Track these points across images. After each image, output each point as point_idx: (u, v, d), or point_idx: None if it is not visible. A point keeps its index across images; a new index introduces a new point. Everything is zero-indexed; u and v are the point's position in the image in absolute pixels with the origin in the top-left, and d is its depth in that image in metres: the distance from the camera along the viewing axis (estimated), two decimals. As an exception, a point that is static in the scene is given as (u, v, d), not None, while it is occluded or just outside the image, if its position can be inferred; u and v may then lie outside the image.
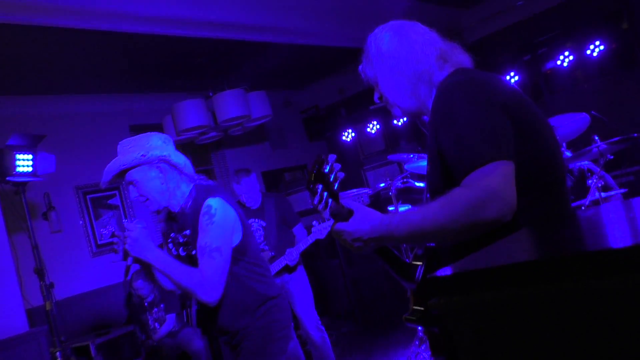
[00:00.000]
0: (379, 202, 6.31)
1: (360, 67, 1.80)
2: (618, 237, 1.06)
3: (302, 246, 4.27)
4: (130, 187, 2.31)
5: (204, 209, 2.23)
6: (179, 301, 5.33)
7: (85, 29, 4.04)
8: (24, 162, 4.24)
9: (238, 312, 2.34)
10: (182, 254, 2.42)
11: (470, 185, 1.33)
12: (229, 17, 4.62)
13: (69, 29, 4.01)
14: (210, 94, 6.00)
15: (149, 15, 4.11)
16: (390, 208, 4.66)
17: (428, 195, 1.63)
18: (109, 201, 6.07)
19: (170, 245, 2.49)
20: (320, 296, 7.04)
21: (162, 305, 5.13)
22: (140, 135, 2.36)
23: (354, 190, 6.40)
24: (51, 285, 4.01)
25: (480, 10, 6.92)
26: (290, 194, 8.05)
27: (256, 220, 4.44)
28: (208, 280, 2.16)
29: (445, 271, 1.01)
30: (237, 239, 2.31)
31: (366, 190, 6.23)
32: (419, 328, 1.63)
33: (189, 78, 6.49)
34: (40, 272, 3.96)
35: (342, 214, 1.49)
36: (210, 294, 2.18)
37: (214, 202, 2.24)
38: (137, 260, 2.25)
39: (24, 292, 4.00)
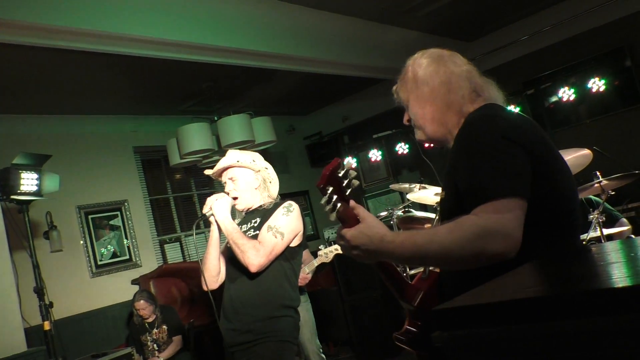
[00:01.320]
0: (380, 230, 6.29)
1: (394, 87, 1.85)
2: (619, 276, 1.07)
3: (307, 269, 4.33)
4: (229, 181, 2.73)
5: (285, 204, 2.65)
6: (182, 323, 5.29)
7: (93, 50, 4.10)
8: (29, 182, 4.26)
9: (267, 302, 2.53)
10: None
11: (481, 216, 1.34)
12: (236, 43, 4.68)
13: (77, 50, 4.06)
14: (215, 119, 6.05)
15: (156, 38, 4.17)
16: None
17: (441, 221, 1.64)
18: (110, 221, 6.07)
19: None
20: (319, 323, 6.99)
21: (164, 327, 5.10)
22: (246, 150, 2.89)
23: (356, 217, 6.40)
24: (50, 305, 4.00)
25: (484, 44, 7.01)
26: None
27: None
28: (262, 249, 2.49)
29: (451, 304, 1.02)
30: (296, 242, 2.65)
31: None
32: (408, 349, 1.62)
33: (195, 102, 6.55)
34: (40, 292, 3.95)
35: (349, 220, 1.48)
36: (258, 260, 2.49)
37: (294, 203, 2.67)
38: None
39: (23, 311, 3.98)
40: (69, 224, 5.71)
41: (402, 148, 7.42)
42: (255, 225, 2.66)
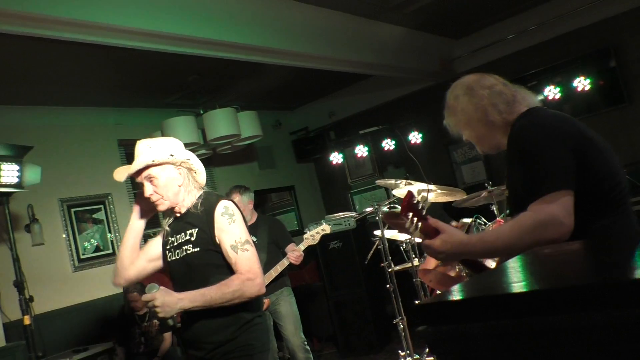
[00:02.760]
0: (364, 226, 6.31)
1: (444, 121, 2.16)
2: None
3: (301, 247, 4.39)
4: (147, 183, 2.37)
5: (220, 209, 2.34)
6: (176, 319, 5.25)
7: (77, 40, 4.03)
8: (9, 173, 4.19)
9: (226, 324, 2.32)
10: (177, 257, 2.43)
11: (535, 211, 1.67)
12: (223, 36, 4.64)
13: (59, 40, 4.00)
14: (201, 112, 6.01)
15: (142, 30, 4.11)
16: (376, 232, 4.66)
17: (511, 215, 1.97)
18: (94, 215, 6.01)
19: (167, 251, 2.50)
20: (303, 318, 6.99)
21: (155, 321, 5.07)
22: (162, 138, 2.48)
23: (340, 213, 6.42)
24: (30, 299, 3.94)
25: (471, 42, 7.03)
26: (277, 214, 8.03)
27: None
28: (250, 274, 2.27)
29: (435, 299, 1.02)
30: None
31: (352, 214, 6.24)
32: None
33: (180, 95, 6.50)
34: (20, 286, 3.89)
35: (429, 233, 1.81)
36: (257, 283, 2.28)
37: (229, 204, 2.38)
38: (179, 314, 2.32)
39: (3, 305, 3.92)
40: (51, 217, 5.63)
41: (388, 144, 7.43)
42: (193, 239, 2.36)
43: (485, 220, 4.55)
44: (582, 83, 5.98)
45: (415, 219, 1.83)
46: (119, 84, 5.83)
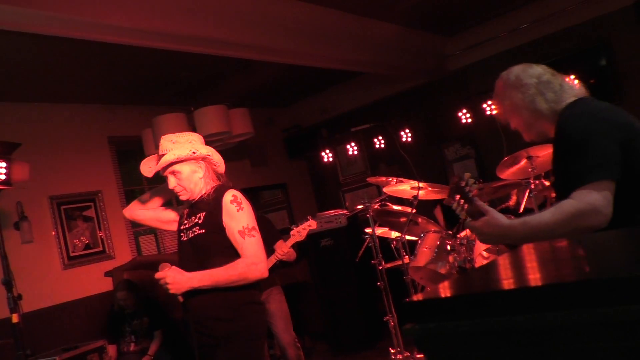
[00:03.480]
0: (356, 223, 6.31)
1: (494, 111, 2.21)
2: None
3: (288, 243, 4.27)
4: (171, 176, 2.60)
5: (229, 197, 2.54)
6: (167, 317, 5.24)
7: (66, 37, 4.00)
8: (-3, 170, 4.15)
9: (227, 305, 2.48)
10: (185, 238, 2.63)
11: (576, 198, 1.75)
12: (214, 33, 4.62)
13: (49, 36, 3.96)
14: (192, 109, 5.98)
15: (132, 27, 4.08)
16: (367, 230, 4.66)
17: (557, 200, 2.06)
18: (83, 212, 5.97)
19: (181, 233, 2.70)
20: (294, 316, 6.98)
21: (145, 319, 5.04)
22: (184, 133, 2.71)
23: (331, 211, 6.41)
24: (19, 297, 3.91)
25: (464, 39, 7.03)
26: (268, 212, 8.01)
27: None
28: (255, 258, 2.45)
29: (422, 296, 1.01)
30: None
31: (343, 212, 6.23)
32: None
33: (171, 92, 6.47)
34: (8, 284, 3.86)
35: (475, 215, 1.91)
36: (260, 268, 2.46)
37: (237, 193, 2.59)
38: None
39: (-10, 303, 3.89)
40: (41, 214, 5.59)
41: (379, 142, 7.43)
42: (200, 222, 2.58)
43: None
44: (574, 80, 5.99)
45: (462, 201, 1.94)
46: (109, 80, 5.79)
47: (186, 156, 2.57)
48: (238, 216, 2.51)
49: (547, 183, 4.42)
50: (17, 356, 3.78)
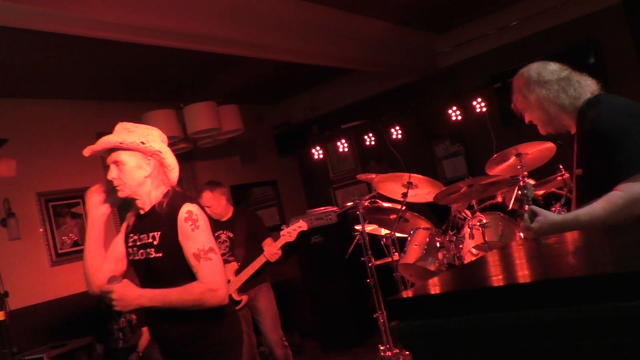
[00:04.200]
0: (346, 220, 6.31)
1: (512, 105, 2.38)
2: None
3: (278, 244, 4.30)
4: (113, 166, 2.29)
5: (184, 214, 2.22)
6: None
7: (55, 32, 3.96)
8: (-16, 166, 4.11)
9: (191, 324, 2.28)
10: (141, 257, 2.34)
11: (624, 190, 1.90)
12: (204, 29, 4.59)
13: (37, 31, 3.92)
14: (182, 105, 5.95)
15: (121, 22, 4.05)
16: (357, 227, 4.66)
17: (574, 189, 2.27)
18: (72, 209, 5.93)
19: (130, 248, 2.42)
20: (284, 313, 6.98)
21: (132, 316, 5.01)
22: (146, 126, 2.39)
23: (321, 208, 6.40)
24: (5, 294, 3.88)
25: (454, 36, 7.05)
26: (258, 209, 8.00)
27: (224, 231, 4.55)
28: (213, 283, 2.19)
29: (407, 294, 1.01)
30: None
31: (333, 209, 6.23)
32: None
33: (161, 88, 6.43)
34: (-6, 280, 3.83)
35: (531, 217, 2.04)
36: (219, 295, 2.20)
37: (193, 208, 2.25)
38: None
39: (-24, 300, 3.85)
40: (29, 211, 5.54)
41: (370, 139, 7.43)
42: (155, 243, 2.27)
43: (466, 215, 4.58)
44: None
45: (526, 206, 2.10)
46: (99, 76, 5.75)
47: (131, 144, 2.24)
48: (193, 236, 2.20)
49: (533, 182, 4.44)
50: (4, 354, 3.75)
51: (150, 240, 2.30)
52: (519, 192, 2.14)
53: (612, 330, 0.81)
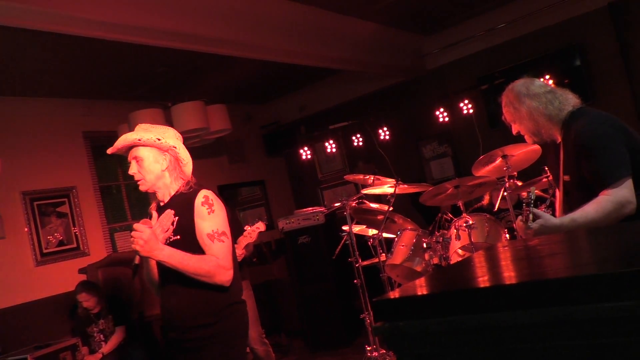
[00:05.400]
0: (333, 221, 6.32)
1: (502, 117, 2.57)
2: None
3: (240, 245, 4.33)
4: (133, 162, 2.49)
5: (201, 199, 2.42)
6: (128, 313, 5.19)
7: (41, 30, 3.93)
8: (-32, 164, 4.07)
9: (206, 308, 2.39)
10: (163, 241, 2.46)
11: (610, 195, 2.14)
12: (192, 28, 4.58)
13: (23, 29, 3.89)
14: (169, 105, 5.92)
15: (109, 21, 4.03)
16: (345, 227, 4.67)
17: (561, 193, 2.50)
18: (57, 208, 5.88)
19: None
20: (272, 313, 6.98)
21: (110, 317, 4.99)
22: (163, 126, 2.63)
23: (309, 208, 6.42)
24: (-11, 294, 3.84)
25: (442, 38, 7.08)
26: (246, 209, 7.99)
27: None
28: (226, 262, 2.35)
29: (391, 295, 1.01)
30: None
31: (321, 209, 6.24)
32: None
33: (148, 87, 6.40)
34: (-22, 280, 3.79)
35: (533, 219, 2.22)
36: (226, 274, 2.36)
37: (209, 193, 2.46)
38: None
39: (-41, 300, 3.81)
40: (13, 210, 5.49)
41: (358, 140, 7.45)
42: (174, 228, 2.44)
43: (452, 216, 4.60)
44: (548, 80, 6.08)
45: (528, 209, 2.26)
46: (85, 75, 5.71)
47: (148, 140, 2.45)
48: (209, 218, 2.39)
49: (519, 183, 4.47)
50: (-13, 354, 3.71)
51: (170, 225, 2.46)
52: (523, 195, 2.32)
53: (594, 331, 0.82)
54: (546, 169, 4.02)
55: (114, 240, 6.46)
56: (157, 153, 2.49)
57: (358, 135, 7.42)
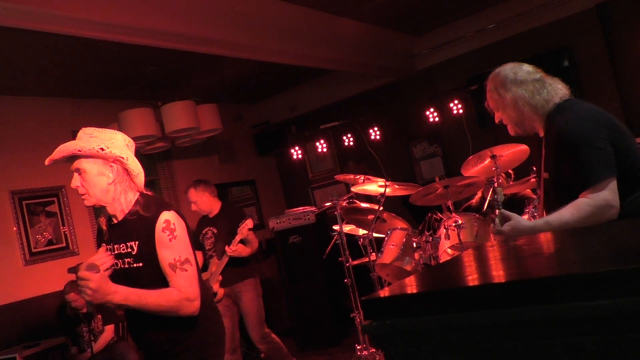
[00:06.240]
0: (324, 220, 6.33)
1: (485, 103, 2.41)
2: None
3: (234, 241, 4.57)
4: (76, 174, 2.24)
5: (162, 224, 2.20)
6: (117, 312, 5.18)
7: (30, 29, 3.90)
8: (-44, 163, 4.04)
9: (172, 330, 2.28)
10: (122, 266, 2.30)
11: (591, 197, 1.98)
12: (183, 28, 4.57)
13: (12, 28, 3.86)
14: (159, 104, 5.90)
15: (99, 20, 4.01)
16: (335, 227, 4.68)
17: (541, 192, 2.35)
18: (46, 208, 5.85)
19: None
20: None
21: (98, 317, 4.98)
22: (107, 129, 2.30)
23: (300, 208, 6.43)
24: (-23, 293, 3.82)
25: (431, 38, 7.11)
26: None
27: (210, 228, 4.86)
28: (187, 294, 2.18)
29: (379, 294, 1.03)
30: None
31: (312, 209, 6.25)
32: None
33: (138, 86, 6.37)
34: (-34, 280, 3.77)
35: (502, 221, 2.11)
36: (192, 306, 2.21)
37: (170, 216, 2.22)
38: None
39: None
40: (1, 209, 5.46)
41: (348, 140, 7.47)
42: (134, 253, 2.24)
43: (441, 216, 4.63)
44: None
45: (497, 211, 2.16)
46: (75, 74, 5.68)
47: (89, 151, 2.17)
48: (170, 246, 2.19)
49: (511, 182, 4.51)
50: (-24, 354, 3.69)
51: (128, 250, 2.27)
52: (490, 197, 2.26)
53: (581, 329, 0.84)
54: (534, 168, 4.06)
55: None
56: (101, 164, 2.22)
57: (349, 135, 7.44)
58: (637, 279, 0.80)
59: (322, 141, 7.46)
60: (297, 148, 7.64)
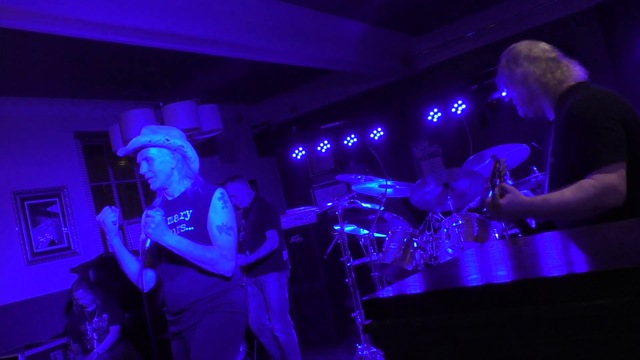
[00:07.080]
0: (325, 220, 6.34)
1: (496, 77, 2.32)
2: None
3: (249, 259, 4.70)
4: (144, 162, 2.64)
5: (218, 194, 2.63)
6: (122, 312, 5.19)
7: (32, 31, 3.92)
8: (-41, 164, 4.06)
9: (210, 281, 2.57)
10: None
11: (596, 179, 1.84)
12: (183, 28, 4.58)
13: (13, 29, 3.87)
14: (161, 105, 5.91)
15: (100, 21, 4.03)
16: (336, 227, 4.69)
17: (546, 179, 2.19)
18: (48, 208, 5.86)
19: None
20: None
21: (104, 316, 4.98)
22: (166, 126, 2.85)
23: (301, 208, 6.43)
24: (-20, 294, 3.84)
25: (431, 39, 7.12)
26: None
27: (242, 220, 5.01)
28: (226, 253, 2.54)
29: (379, 295, 1.04)
30: None
31: (313, 209, 6.26)
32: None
33: (140, 87, 6.39)
34: (-31, 280, 3.78)
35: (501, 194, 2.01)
36: (228, 265, 2.55)
37: (225, 191, 2.69)
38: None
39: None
40: (4, 210, 5.48)
41: (349, 140, 7.48)
42: (187, 219, 2.62)
43: (442, 216, 4.64)
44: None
45: (497, 180, 2.05)
46: (77, 75, 5.69)
47: (158, 141, 2.61)
48: (222, 212, 2.60)
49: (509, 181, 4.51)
50: (-21, 355, 3.71)
51: (181, 218, 2.63)
52: (493, 167, 2.07)
53: (581, 329, 0.84)
54: (535, 169, 4.07)
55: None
56: (166, 153, 2.65)
57: (350, 136, 7.45)
58: (637, 278, 0.81)
59: (323, 141, 7.47)
60: (298, 148, 7.64)
